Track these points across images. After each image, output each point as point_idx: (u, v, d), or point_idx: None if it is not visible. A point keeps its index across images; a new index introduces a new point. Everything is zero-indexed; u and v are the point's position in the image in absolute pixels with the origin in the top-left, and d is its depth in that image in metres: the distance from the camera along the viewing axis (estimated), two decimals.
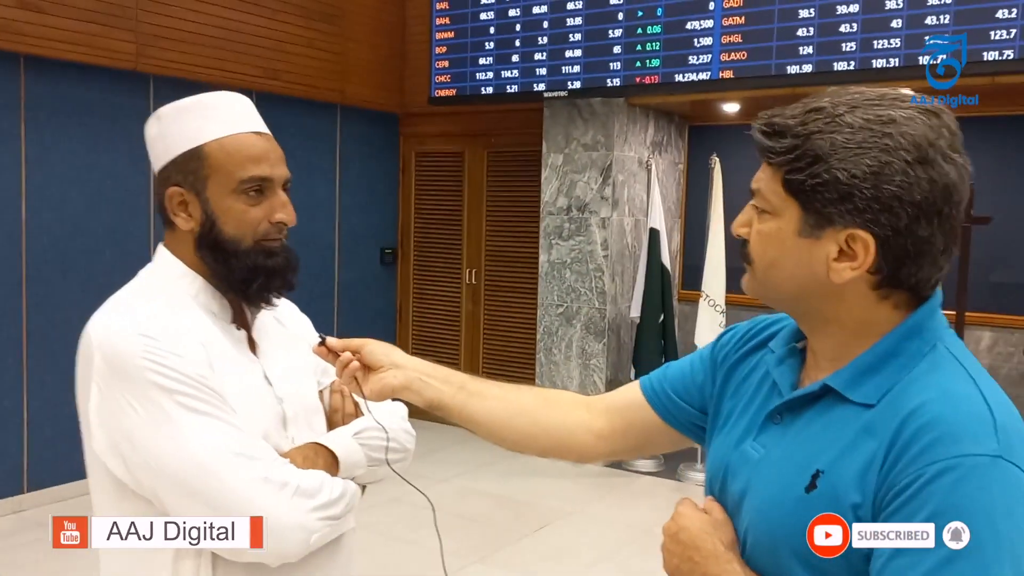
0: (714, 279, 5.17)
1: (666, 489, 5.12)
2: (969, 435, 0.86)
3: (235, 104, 1.34)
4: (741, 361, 1.14)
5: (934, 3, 4.22)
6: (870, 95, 0.94)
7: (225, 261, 1.29)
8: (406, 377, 1.24)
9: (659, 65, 4.97)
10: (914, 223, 0.91)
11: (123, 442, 1.19)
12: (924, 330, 0.96)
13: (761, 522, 0.98)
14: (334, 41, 5.89)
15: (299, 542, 1.20)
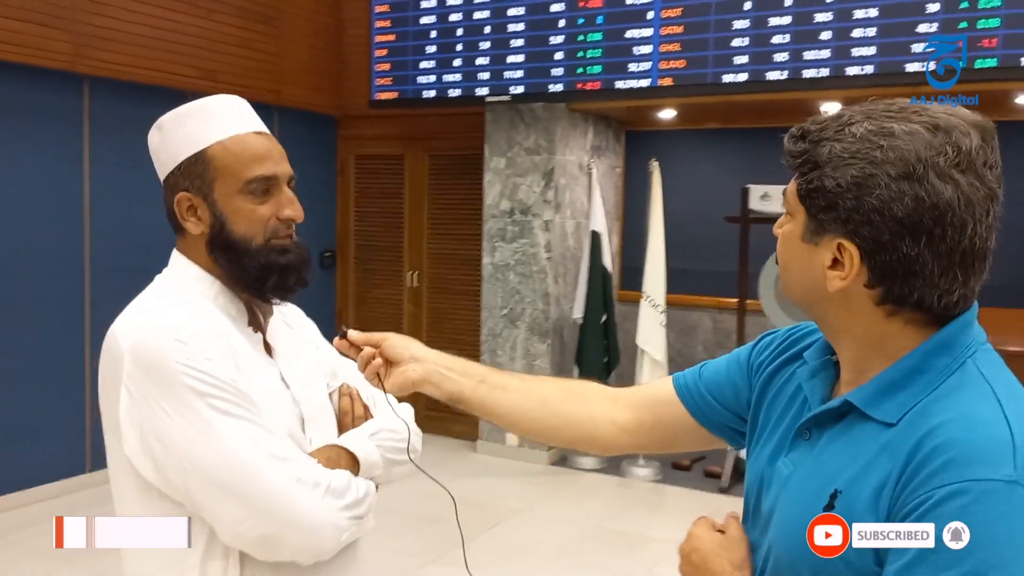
0: (654, 280, 5.33)
1: (611, 485, 5.25)
2: (984, 459, 0.83)
3: (233, 106, 1.36)
4: (778, 371, 1.13)
5: (860, 17, 4.45)
6: (894, 107, 0.92)
7: (238, 261, 1.31)
8: (425, 370, 1.25)
9: (600, 72, 5.09)
10: (897, 239, 0.89)
11: (155, 444, 1.20)
12: (954, 346, 0.92)
13: (783, 540, 0.98)
14: (270, 42, 5.83)
15: (332, 540, 1.24)
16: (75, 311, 4.88)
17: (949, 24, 4.22)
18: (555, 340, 5.60)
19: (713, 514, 1.22)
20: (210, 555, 1.24)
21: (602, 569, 4.02)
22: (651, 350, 5.31)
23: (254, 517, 1.19)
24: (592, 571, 4.00)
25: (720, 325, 5.99)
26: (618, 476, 5.37)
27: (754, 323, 5.53)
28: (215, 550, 1.25)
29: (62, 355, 4.81)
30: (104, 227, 4.98)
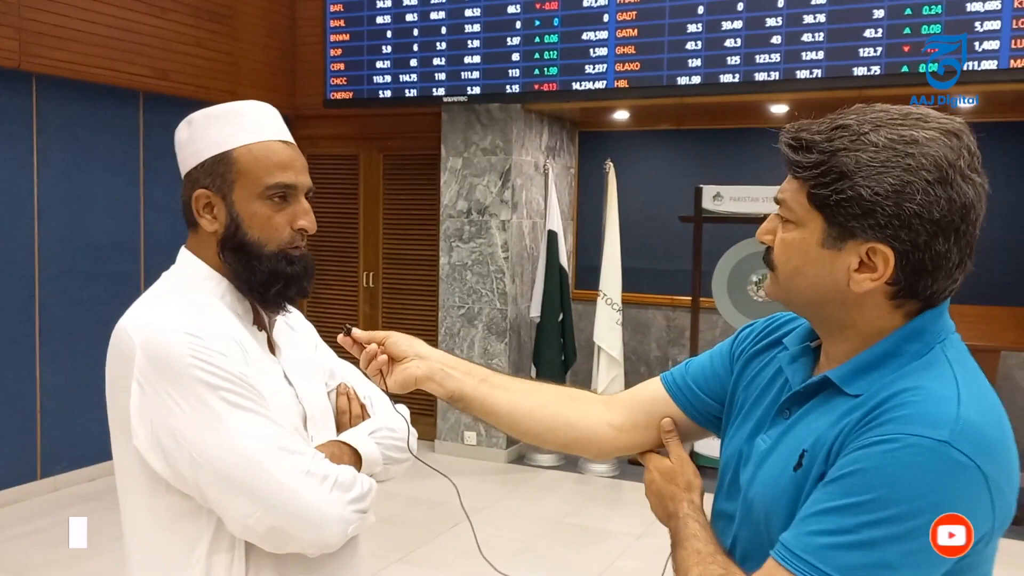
0: (611, 279, 5.41)
1: (570, 482, 5.32)
2: (925, 422, 0.91)
3: (264, 113, 1.39)
4: (756, 357, 1.19)
5: (809, 22, 4.58)
6: (894, 114, 0.98)
7: (247, 263, 1.33)
8: (429, 368, 1.28)
9: (557, 73, 5.15)
10: (932, 239, 0.95)
11: (166, 438, 1.22)
12: (925, 333, 1.00)
13: (758, 500, 1.06)
14: (224, 41, 5.77)
15: (339, 533, 1.26)
16: (25, 315, 4.77)
17: (895, 30, 4.38)
18: (512, 339, 5.65)
19: None
20: (216, 548, 1.26)
21: (564, 564, 4.08)
22: (608, 347, 5.38)
23: (263, 509, 1.21)
24: (554, 566, 4.05)
25: (673, 323, 6.10)
26: (576, 472, 5.44)
27: (707, 320, 5.65)
28: (221, 543, 1.26)
29: (10, 360, 4.71)
30: (54, 230, 4.88)
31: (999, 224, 4.81)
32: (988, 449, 0.91)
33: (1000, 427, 0.95)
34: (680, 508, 1.16)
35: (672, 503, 1.18)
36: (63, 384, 4.93)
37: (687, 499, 1.17)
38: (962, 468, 0.89)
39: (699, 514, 1.15)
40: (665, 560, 1.26)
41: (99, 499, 4.79)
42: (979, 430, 0.91)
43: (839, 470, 0.94)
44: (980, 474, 0.90)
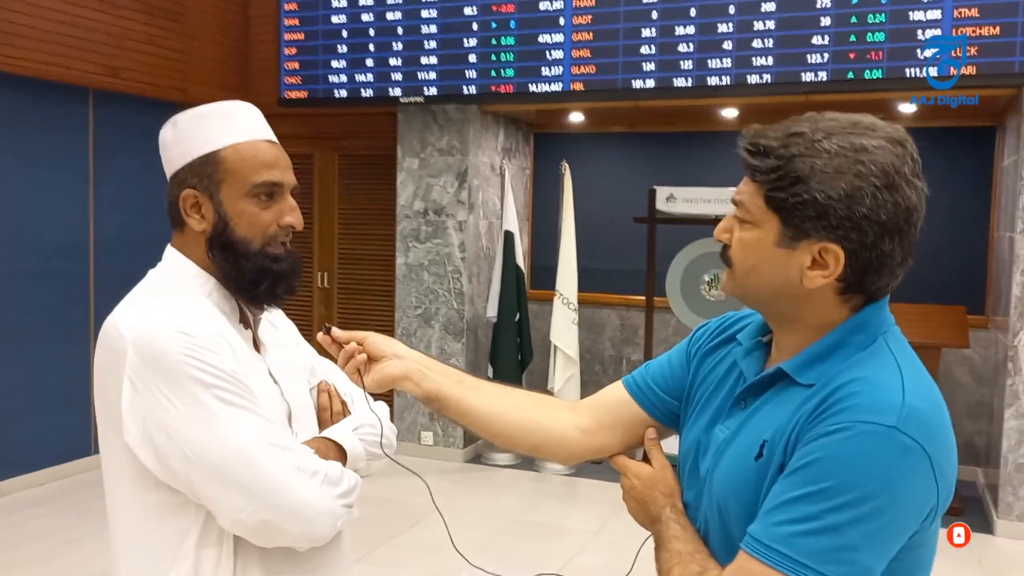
0: (567, 279, 5.48)
1: (526, 480, 5.37)
2: (874, 409, 0.98)
3: (249, 113, 1.41)
4: (711, 352, 1.26)
5: (759, 29, 4.71)
6: (844, 122, 1.05)
7: (235, 261, 1.35)
8: (406, 368, 1.30)
9: (513, 75, 5.20)
10: (879, 239, 1.03)
11: (158, 434, 1.24)
12: (869, 325, 1.08)
13: (720, 488, 1.11)
14: (176, 38, 5.70)
15: (329, 526, 1.29)
16: None
17: (841, 37, 4.52)
18: (470, 339, 5.68)
19: (624, 505, 1.34)
20: (204, 542, 1.28)
21: (523, 561, 4.12)
22: (564, 347, 5.45)
23: (254, 504, 1.23)
24: (513, 563, 4.09)
25: (627, 322, 6.20)
26: (532, 471, 5.49)
27: (661, 319, 5.75)
28: (210, 537, 1.28)
29: None
30: (3, 228, 4.77)
31: (938, 227, 5.00)
32: (931, 432, 0.99)
33: (940, 412, 1.03)
34: (663, 513, 1.19)
35: (655, 508, 1.21)
36: (10, 387, 4.83)
37: (669, 504, 1.20)
38: (910, 451, 0.96)
39: (681, 517, 1.18)
40: (635, 555, 1.33)
41: (48, 503, 4.71)
42: (923, 415, 0.99)
43: (798, 460, 1.00)
44: (925, 455, 0.97)
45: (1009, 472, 4.51)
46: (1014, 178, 4.57)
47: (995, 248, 5.25)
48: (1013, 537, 4.47)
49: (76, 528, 4.33)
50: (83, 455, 5.23)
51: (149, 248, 5.87)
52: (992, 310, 5.22)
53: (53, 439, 5.07)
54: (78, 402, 5.20)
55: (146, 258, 5.42)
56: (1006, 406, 4.51)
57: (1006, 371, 4.52)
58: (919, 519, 1.00)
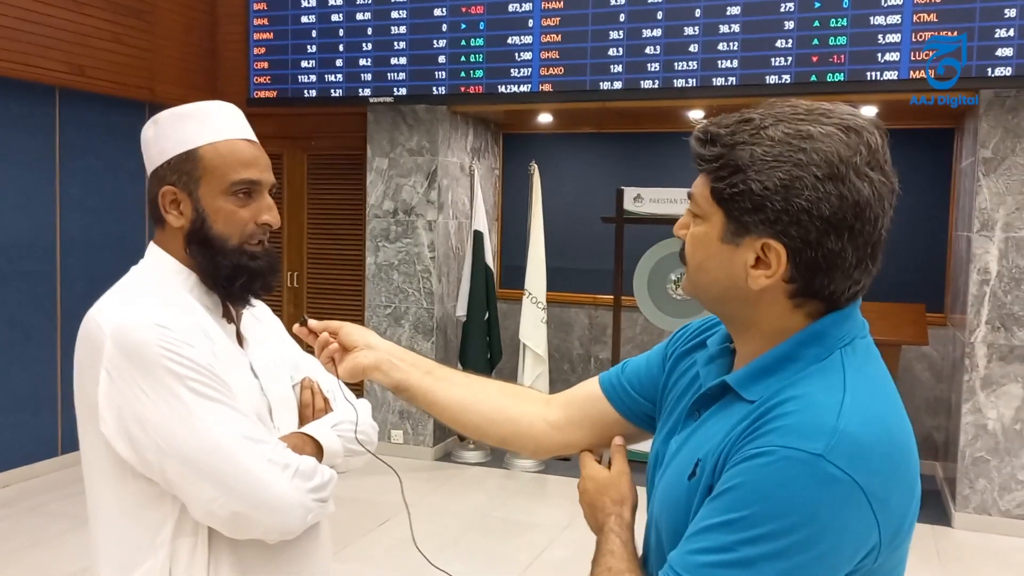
0: (536, 278, 5.53)
1: (495, 477, 5.41)
2: (803, 434, 0.89)
3: (228, 113, 1.44)
4: (683, 358, 1.19)
5: (724, 32, 4.78)
6: (800, 109, 0.96)
7: (212, 257, 1.38)
8: (376, 357, 1.30)
9: (483, 76, 5.24)
10: (823, 236, 0.93)
11: (133, 425, 1.26)
12: (826, 337, 0.98)
13: (659, 506, 1.07)
14: (142, 37, 5.66)
15: (299, 519, 1.31)
16: None
17: (804, 41, 4.61)
18: (439, 338, 5.70)
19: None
20: (180, 531, 1.31)
21: (493, 556, 4.17)
22: (533, 345, 5.50)
23: (226, 496, 1.25)
24: (483, 558, 4.13)
25: (596, 321, 6.26)
26: (501, 468, 5.53)
27: (628, 318, 5.82)
28: (185, 527, 1.31)
29: None
30: None
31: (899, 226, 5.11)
32: (867, 462, 0.88)
33: (886, 439, 0.91)
34: (607, 522, 1.13)
35: (601, 515, 1.15)
36: None
37: (616, 513, 1.14)
38: (836, 482, 0.87)
39: (623, 530, 1.12)
40: None
41: (14, 504, 4.67)
42: (858, 443, 0.88)
43: (722, 485, 0.93)
44: (857, 488, 0.87)
45: (966, 466, 4.62)
46: (971, 179, 4.69)
47: (953, 247, 5.38)
48: (969, 529, 4.59)
49: (43, 529, 4.31)
50: (50, 456, 5.19)
51: (116, 248, 5.91)
52: (950, 308, 5.34)
53: (19, 440, 5.02)
54: (44, 403, 5.16)
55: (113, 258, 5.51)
56: (963, 402, 4.62)
57: (963, 368, 4.63)
58: (852, 559, 0.90)
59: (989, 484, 4.59)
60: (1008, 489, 4.57)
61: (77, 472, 5.04)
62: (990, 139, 4.51)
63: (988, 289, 4.57)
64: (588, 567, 1.14)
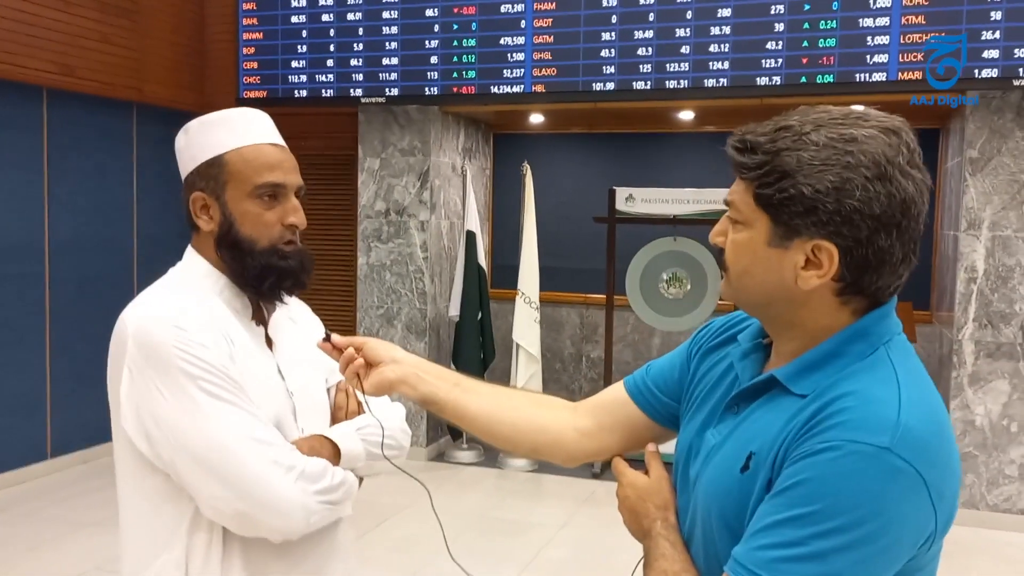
0: (529, 278, 5.55)
1: (490, 477, 5.43)
2: (867, 428, 0.92)
3: (255, 118, 1.48)
4: (712, 352, 1.21)
5: (715, 34, 4.83)
6: (835, 114, 1.00)
7: (241, 259, 1.41)
8: (403, 372, 1.30)
9: (475, 77, 5.25)
10: (874, 235, 0.96)
11: (149, 422, 1.30)
12: (870, 334, 1.02)
13: (704, 498, 1.08)
14: (131, 37, 5.63)
15: (300, 520, 1.33)
16: None
17: (794, 43, 4.66)
18: (432, 338, 5.71)
19: (589, 498, 1.34)
20: (196, 527, 1.34)
21: (492, 555, 4.18)
22: (527, 345, 5.52)
23: (230, 494, 1.28)
24: (482, 557, 4.15)
25: (587, 320, 6.30)
26: (496, 468, 5.55)
27: (619, 317, 5.86)
28: (201, 523, 1.34)
29: None
30: None
31: None
32: (928, 454, 0.92)
33: (940, 431, 0.96)
34: (654, 527, 1.15)
35: (647, 521, 1.17)
36: None
37: (661, 517, 1.16)
38: (902, 474, 0.90)
39: (672, 532, 1.14)
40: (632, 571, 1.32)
41: (6, 510, 4.62)
42: (919, 436, 0.92)
43: (786, 480, 0.95)
44: (920, 479, 0.91)
45: None
46: (958, 179, 4.77)
47: (940, 246, 5.46)
48: (958, 523, 4.53)
49: (39, 534, 4.27)
50: (39, 459, 5.14)
51: (105, 249, 5.88)
52: (937, 306, 5.42)
53: (9, 444, 4.98)
54: (34, 406, 5.11)
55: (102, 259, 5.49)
56: (951, 398, 4.70)
57: (951, 364, 4.71)
58: (914, 546, 0.95)
59: (977, 479, 4.67)
60: (996, 484, 4.65)
61: (69, 476, 5.07)
62: (977, 139, 4.59)
63: (975, 287, 4.65)
64: (588, 564, 1.11)
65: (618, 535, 1.22)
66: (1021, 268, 4.58)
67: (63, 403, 5.24)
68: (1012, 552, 4.36)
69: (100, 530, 4.30)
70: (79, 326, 5.27)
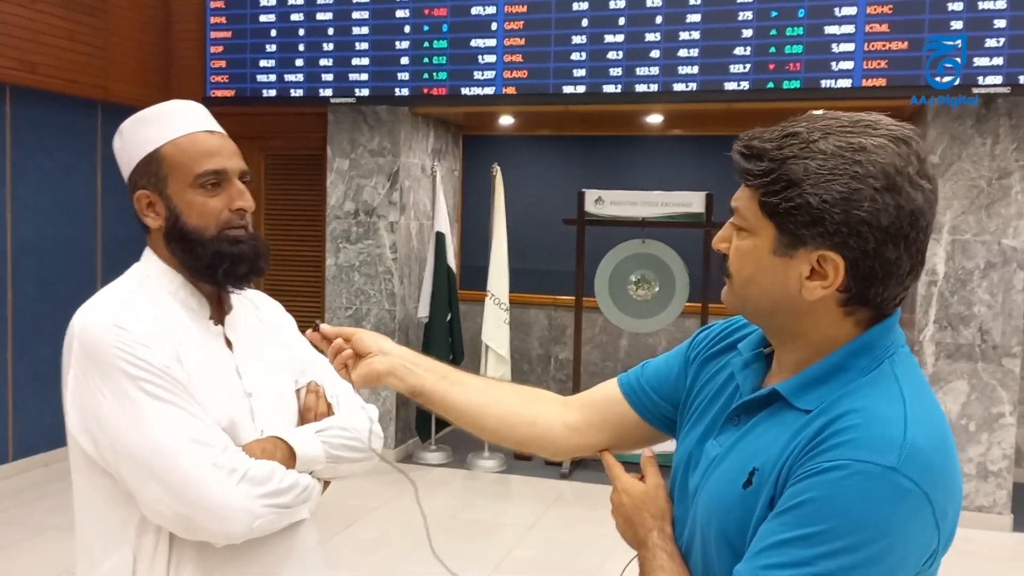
0: (499, 280, 5.56)
1: (459, 478, 5.43)
2: (874, 447, 0.90)
3: (187, 109, 1.46)
4: (711, 360, 1.19)
5: (685, 38, 4.88)
6: (844, 121, 0.97)
7: (192, 251, 1.39)
8: (391, 363, 1.30)
9: (446, 78, 5.26)
10: (882, 246, 0.94)
11: (92, 423, 1.30)
12: (874, 348, 1.00)
13: (704, 512, 1.06)
14: (97, 34, 5.55)
15: (242, 524, 1.30)
16: None
17: (761, 48, 4.73)
18: (401, 339, 5.70)
19: (557, 499, 1.34)
20: (144, 528, 1.34)
21: (461, 556, 4.19)
22: (496, 346, 5.54)
23: (170, 497, 1.27)
24: (451, 558, 4.15)
25: (555, 321, 6.33)
26: (464, 469, 5.55)
27: (588, 319, 5.89)
28: (148, 524, 1.33)
29: None
30: None
31: None
32: (933, 474, 0.91)
33: (945, 450, 0.95)
34: (650, 537, 1.13)
35: (642, 531, 1.15)
36: None
37: (657, 528, 1.14)
38: (909, 494, 0.89)
39: (668, 543, 1.12)
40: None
41: None
42: (925, 455, 0.91)
43: (791, 498, 0.93)
44: (926, 499, 0.90)
45: None
46: None
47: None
48: None
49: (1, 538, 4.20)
50: (1, 463, 5.05)
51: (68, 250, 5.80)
52: None
53: None
54: None
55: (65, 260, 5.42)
56: None
57: None
58: (917, 564, 0.94)
59: None
60: None
61: (31, 479, 4.99)
62: (938, 145, 4.69)
63: (936, 290, 4.75)
64: (557, 564, 1.10)
65: (586, 535, 1.22)
66: (980, 271, 4.69)
67: (25, 406, 5.15)
68: (970, 548, 4.45)
69: (63, 534, 4.23)
70: (41, 328, 5.19)
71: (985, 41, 4.43)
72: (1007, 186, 4.63)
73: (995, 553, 4.48)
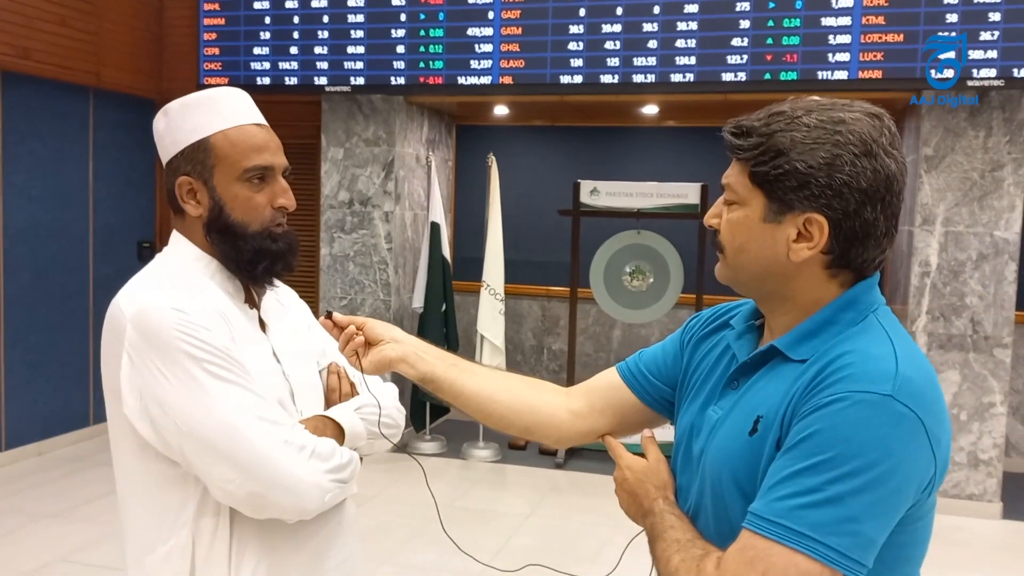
0: (494, 270, 5.56)
1: (455, 468, 5.44)
2: (869, 379, 0.99)
3: (237, 98, 1.45)
4: (705, 338, 1.28)
5: (682, 29, 4.90)
6: (823, 102, 1.09)
7: (234, 243, 1.40)
8: (403, 351, 1.34)
9: (442, 67, 5.24)
10: (861, 207, 1.05)
11: (153, 407, 1.28)
12: (859, 303, 1.10)
13: (713, 467, 1.12)
14: (88, 20, 5.50)
15: (315, 499, 1.33)
16: None
17: (758, 40, 4.75)
18: None
19: (553, 488, 1.38)
20: (202, 512, 1.33)
21: (460, 543, 4.20)
22: (491, 336, 5.54)
23: (242, 476, 1.27)
24: (450, 547, 4.17)
25: (548, 312, 6.34)
26: (460, 459, 5.56)
27: (582, 310, 5.91)
28: (207, 507, 1.33)
29: None
30: None
31: None
32: (925, 402, 0.99)
33: (933, 384, 1.04)
34: (655, 505, 1.19)
35: (647, 500, 1.21)
36: None
37: (662, 496, 1.20)
38: (905, 419, 0.97)
39: (674, 508, 1.18)
40: (620, 554, 1.36)
41: None
42: (916, 385, 1.00)
43: (797, 434, 1.00)
44: (920, 424, 0.98)
45: None
46: (913, 176, 4.91)
47: (895, 240, 5.61)
48: None
49: None
50: None
51: (61, 236, 5.76)
52: (891, 298, 5.58)
53: None
54: None
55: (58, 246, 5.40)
56: None
57: None
58: (918, 489, 1.01)
59: None
60: (946, 470, 4.80)
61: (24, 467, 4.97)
62: (932, 137, 4.73)
63: (929, 281, 4.80)
64: (555, 552, 1.13)
65: (584, 523, 1.25)
66: (972, 263, 4.74)
67: (18, 394, 5.12)
68: (960, 536, 4.51)
69: (59, 521, 4.21)
70: (34, 315, 5.15)
71: (980, 34, 4.47)
72: (1000, 178, 4.68)
73: (985, 541, 4.54)
